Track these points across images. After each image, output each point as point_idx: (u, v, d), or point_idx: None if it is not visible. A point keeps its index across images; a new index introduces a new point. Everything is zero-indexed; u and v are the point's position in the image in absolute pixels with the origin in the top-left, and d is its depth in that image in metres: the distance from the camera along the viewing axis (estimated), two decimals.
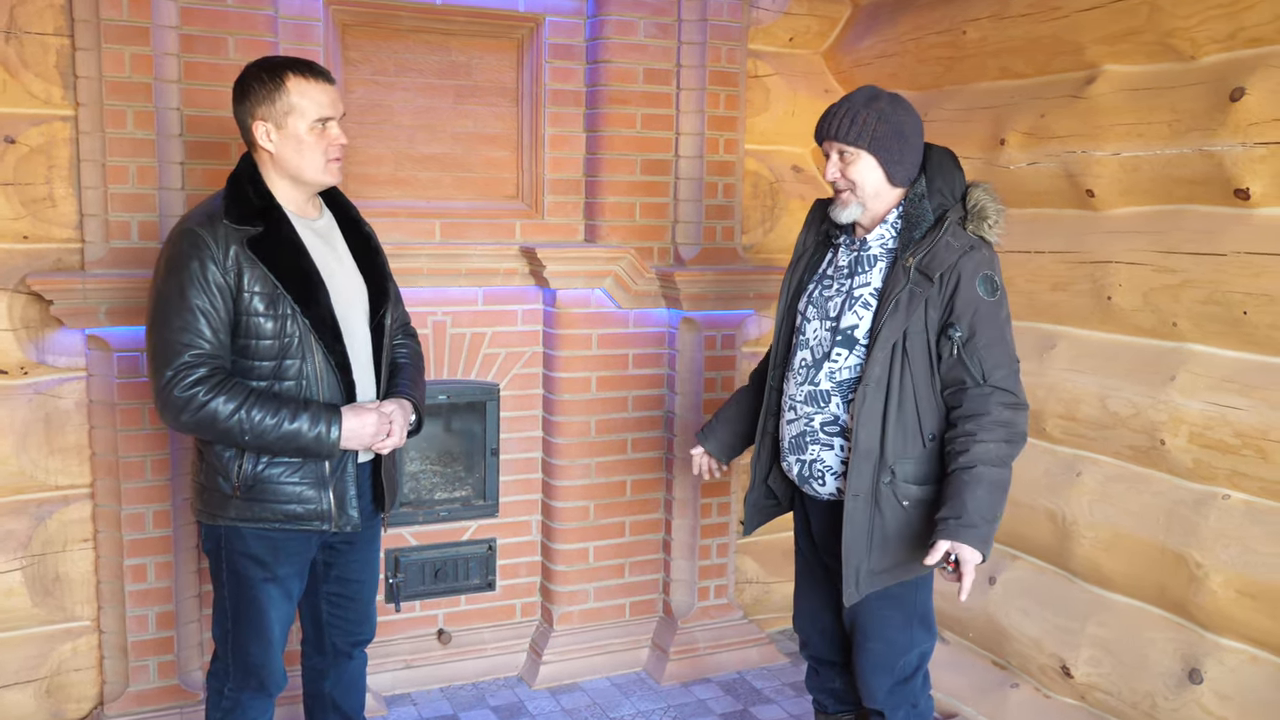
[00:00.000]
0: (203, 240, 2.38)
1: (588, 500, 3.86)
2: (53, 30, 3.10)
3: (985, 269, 2.44)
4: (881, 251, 2.54)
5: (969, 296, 2.41)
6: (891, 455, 2.45)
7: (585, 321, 3.79)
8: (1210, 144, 2.75)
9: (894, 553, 2.50)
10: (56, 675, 3.31)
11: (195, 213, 2.48)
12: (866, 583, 2.49)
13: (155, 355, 2.40)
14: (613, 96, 3.71)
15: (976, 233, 2.48)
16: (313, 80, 2.47)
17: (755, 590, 4.30)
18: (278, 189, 2.51)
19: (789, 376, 2.66)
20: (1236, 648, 2.81)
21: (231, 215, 2.42)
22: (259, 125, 2.46)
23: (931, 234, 2.45)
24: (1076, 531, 3.16)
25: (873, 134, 2.47)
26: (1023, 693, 3.40)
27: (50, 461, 3.23)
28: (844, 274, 2.59)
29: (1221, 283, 2.76)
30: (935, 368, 2.46)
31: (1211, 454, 2.81)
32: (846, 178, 2.52)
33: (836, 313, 2.56)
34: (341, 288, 2.56)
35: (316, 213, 2.61)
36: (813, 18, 4.10)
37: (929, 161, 2.56)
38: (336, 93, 2.52)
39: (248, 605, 2.56)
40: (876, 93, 2.54)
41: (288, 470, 2.48)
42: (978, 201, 2.50)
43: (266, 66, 2.48)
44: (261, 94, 2.45)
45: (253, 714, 2.66)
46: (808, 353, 2.60)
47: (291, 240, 2.48)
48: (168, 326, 2.38)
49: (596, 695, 3.77)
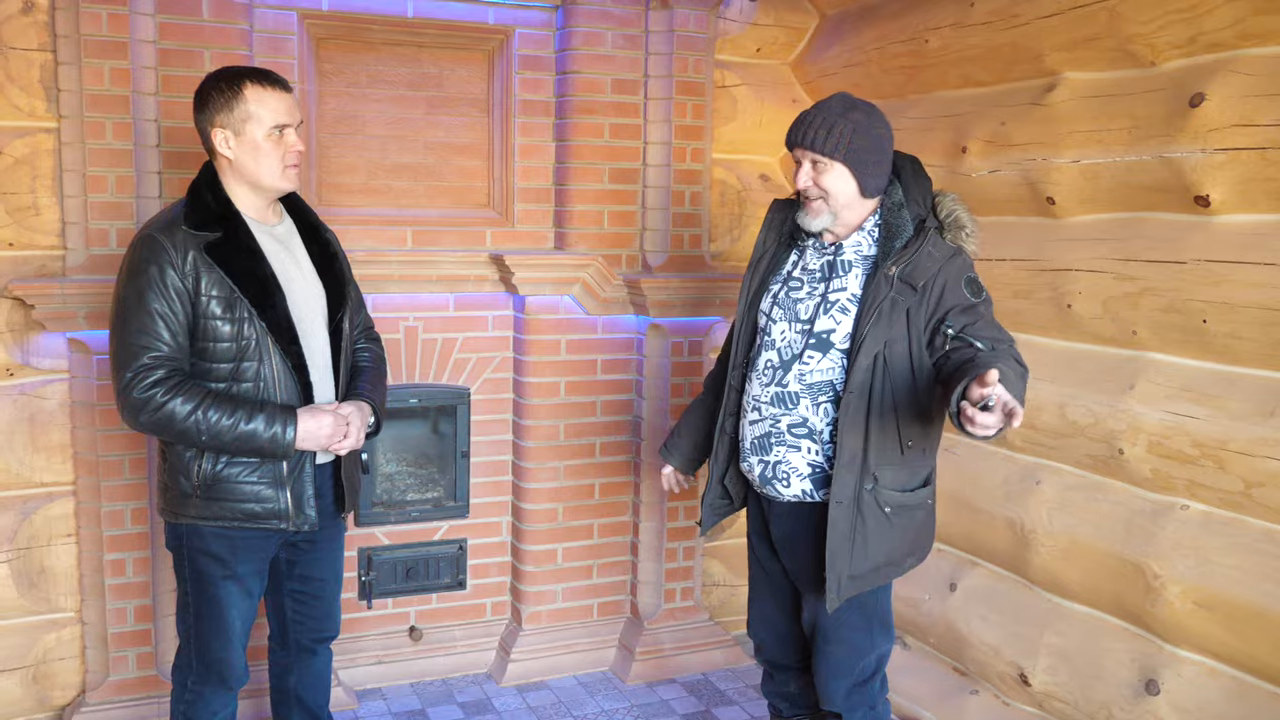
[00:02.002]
0: (161, 246, 2.31)
1: (556, 502, 3.73)
2: (36, 46, 3.04)
3: (968, 272, 2.33)
4: (857, 258, 2.40)
5: (956, 299, 2.30)
6: (874, 462, 2.32)
7: (554, 327, 3.65)
8: (1170, 150, 2.57)
9: (873, 558, 2.37)
10: (42, 664, 3.24)
11: (156, 219, 2.42)
12: (847, 587, 2.37)
13: (115, 357, 2.35)
14: (581, 106, 3.58)
15: (955, 241, 2.36)
16: (269, 88, 2.39)
17: (721, 593, 4.14)
18: (237, 195, 2.43)
19: (752, 377, 2.50)
20: (1194, 659, 2.64)
21: (190, 221, 2.35)
22: (218, 133, 2.39)
23: (912, 244, 2.33)
24: (1035, 540, 2.99)
25: (848, 145, 2.33)
26: (982, 699, 3.20)
27: (35, 459, 3.17)
28: (816, 277, 2.44)
29: (1181, 291, 2.59)
30: (916, 376, 2.30)
31: (1170, 464, 2.65)
32: (819, 186, 2.37)
33: (809, 316, 2.41)
34: (299, 292, 2.47)
35: (276, 219, 2.52)
36: (780, 28, 3.94)
37: (901, 171, 2.43)
38: (293, 101, 2.44)
39: (208, 602, 2.49)
40: (852, 102, 2.39)
41: (246, 470, 2.41)
42: (951, 211, 2.38)
43: (225, 76, 2.40)
44: (220, 102, 2.37)
45: (215, 706, 2.58)
46: (774, 354, 2.45)
47: (248, 245, 2.39)
48: (127, 330, 2.32)
49: (562, 694, 3.62)
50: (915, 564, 2.48)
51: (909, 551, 2.44)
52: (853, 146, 2.32)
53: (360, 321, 2.71)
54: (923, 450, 2.39)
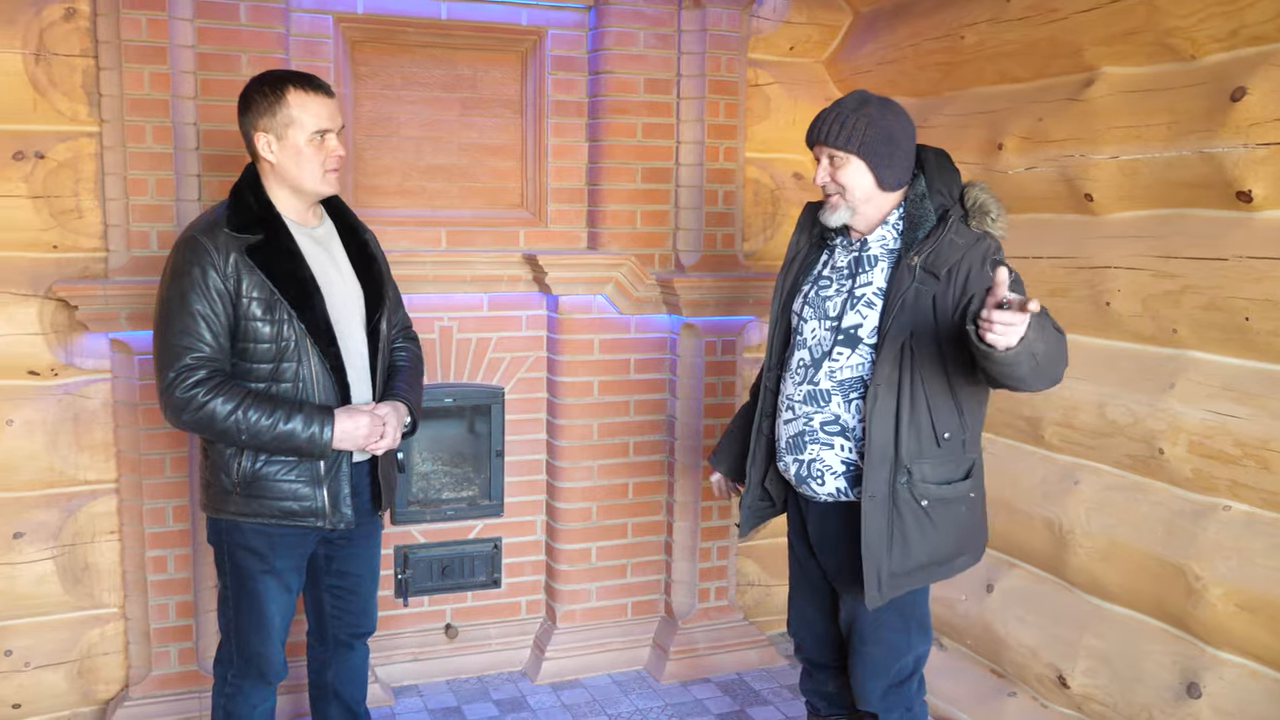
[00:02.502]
0: (204, 248, 2.37)
1: (590, 502, 3.77)
2: (78, 52, 3.12)
3: (994, 255, 2.33)
4: (882, 252, 2.42)
5: (983, 282, 2.28)
6: (907, 456, 2.31)
7: (587, 327, 3.69)
8: (1210, 145, 2.56)
9: (915, 555, 2.37)
10: (87, 658, 3.33)
11: (198, 221, 2.47)
12: (889, 585, 2.36)
13: (159, 357, 2.41)
14: (614, 106, 3.61)
15: (980, 228, 2.36)
16: (312, 93, 2.44)
17: (756, 593, 4.16)
18: (278, 198, 2.48)
19: (786, 377, 2.53)
20: (1236, 662, 2.62)
21: (232, 224, 2.41)
22: (260, 137, 2.44)
23: (935, 233, 2.34)
24: (1074, 540, 2.98)
25: (862, 139, 2.34)
26: (1020, 702, 3.20)
27: (79, 458, 3.25)
28: (843, 274, 2.47)
29: (1222, 288, 2.57)
30: (947, 365, 2.30)
31: (1211, 464, 2.63)
32: (836, 182, 2.39)
33: (837, 312, 2.44)
34: (338, 294, 2.53)
35: (316, 221, 2.57)
36: (813, 26, 3.95)
37: (925, 163, 2.44)
38: (335, 106, 2.48)
39: (247, 596, 2.55)
40: (866, 97, 2.41)
41: (284, 468, 2.46)
42: (976, 199, 2.38)
43: (268, 80, 2.45)
44: (263, 107, 2.42)
45: (254, 700, 2.64)
46: (806, 353, 2.47)
47: (288, 248, 2.45)
48: (170, 330, 2.38)
49: (597, 692, 3.66)
50: (969, 564, 2.47)
51: (957, 550, 2.42)
52: (866, 139, 2.34)
53: (398, 321, 2.76)
54: (962, 442, 2.37)
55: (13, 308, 3.11)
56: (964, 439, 2.38)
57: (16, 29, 3.03)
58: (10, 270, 3.11)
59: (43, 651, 3.24)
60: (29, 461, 3.17)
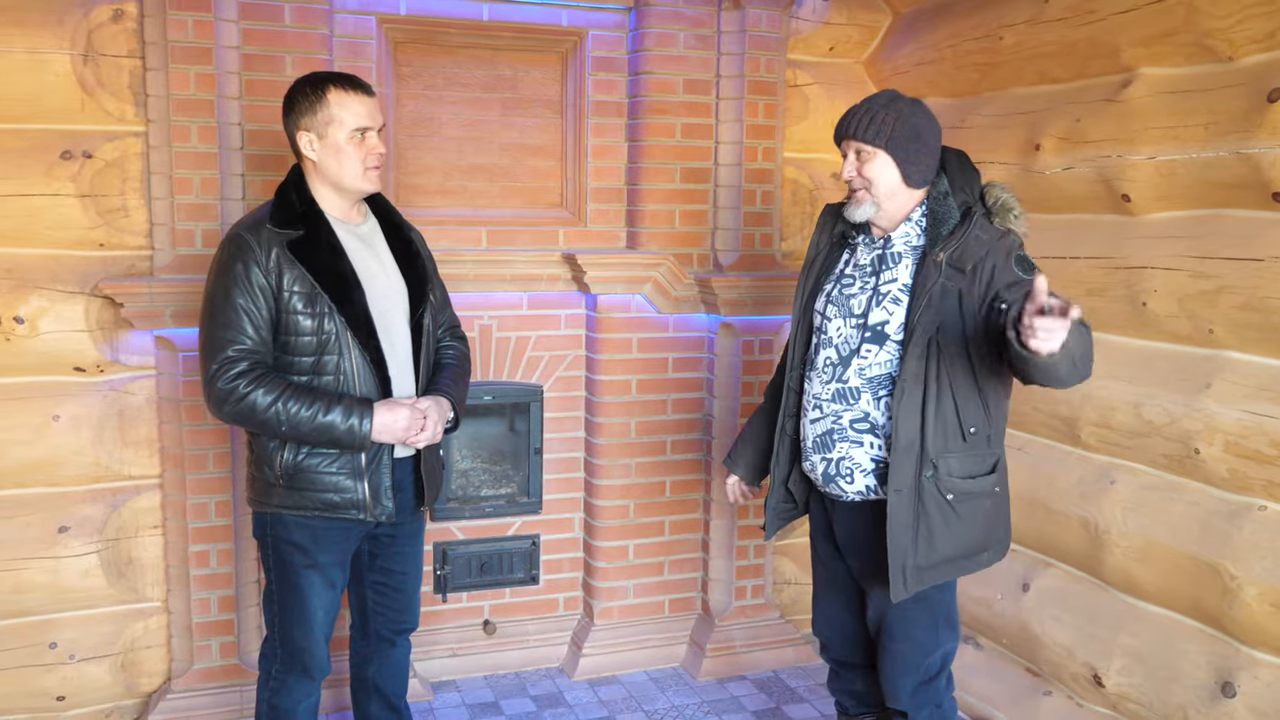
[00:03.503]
0: (247, 244, 2.47)
1: (628, 499, 3.85)
2: (125, 53, 3.21)
3: (1018, 251, 2.39)
4: (906, 248, 2.48)
5: (1006, 275, 2.35)
6: (933, 450, 2.37)
7: (626, 326, 3.77)
8: (1248, 146, 2.61)
9: (940, 549, 2.42)
10: (130, 651, 3.41)
11: (244, 219, 2.58)
12: (915, 579, 2.41)
13: (203, 350, 2.50)
14: (653, 107, 3.70)
15: (1003, 225, 2.43)
16: (352, 93, 2.53)
17: (793, 591, 4.23)
18: (321, 196, 2.58)
19: (811, 376, 2.59)
20: (1271, 661, 2.66)
21: (275, 220, 2.51)
22: (303, 135, 2.54)
23: (959, 229, 2.40)
24: (1109, 540, 3.03)
25: (890, 134, 2.42)
26: (1055, 701, 3.27)
27: (124, 453, 3.34)
28: (867, 272, 2.53)
29: (1259, 288, 2.62)
30: (973, 360, 2.37)
31: (1247, 464, 2.67)
32: (863, 176, 2.47)
33: (863, 309, 2.49)
34: (380, 288, 2.61)
35: (360, 218, 2.67)
36: (853, 27, 4.02)
37: (947, 164, 2.51)
38: (375, 105, 2.57)
39: (290, 590, 2.62)
40: (896, 95, 2.50)
41: (325, 461, 2.54)
42: (998, 198, 2.46)
43: (311, 81, 2.55)
44: (305, 106, 2.53)
45: (298, 695, 2.71)
46: (832, 351, 2.53)
47: (329, 242, 2.54)
48: (214, 324, 2.47)
49: (633, 688, 3.75)
50: (994, 559, 2.51)
51: (983, 545, 2.48)
52: (895, 134, 2.41)
53: (445, 320, 2.84)
54: (987, 437, 2.42)
55: (60, 305, 3.21)
56: (989, 434, 2.43)
57: (65, 30, 3.11)
58: (58, 268, 3.20)
59: (87, 645, 3.33)
60: (75, 457, 3.26)
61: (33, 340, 3.19)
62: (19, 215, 3.15)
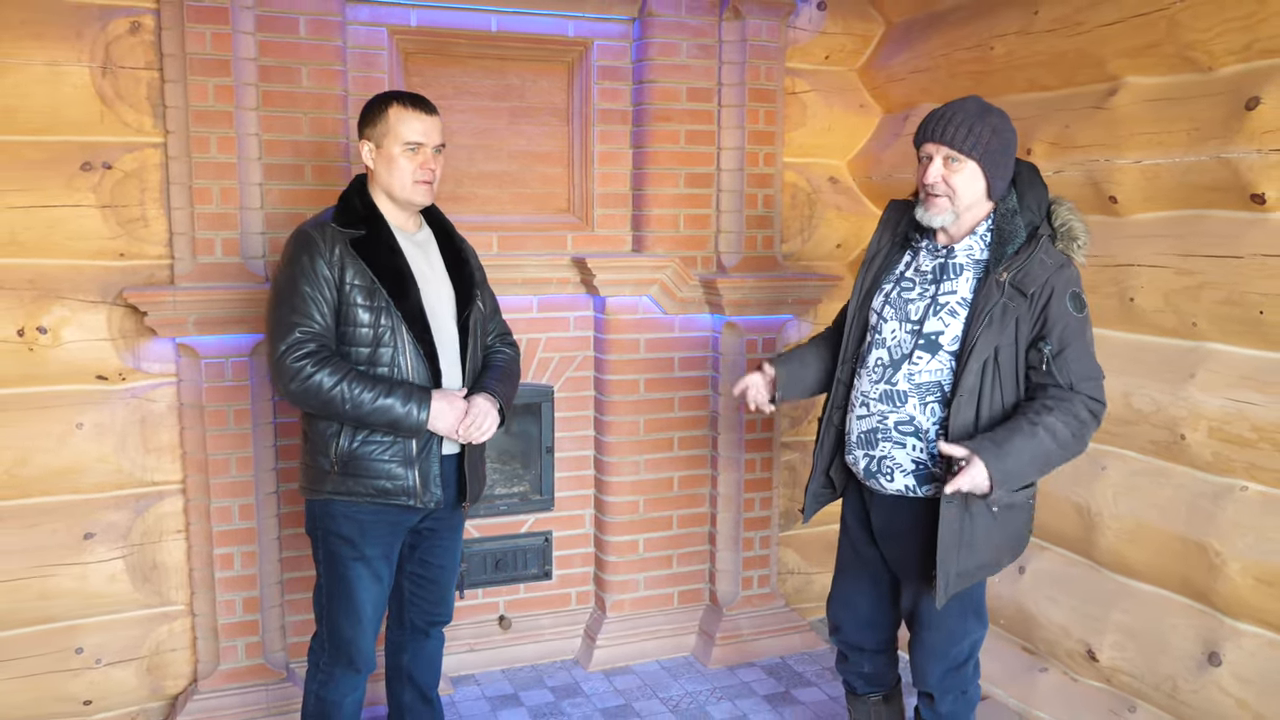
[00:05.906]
0: (313, 239, 2.68)
1: (637, 495, 3.98)
2: (144, 65, 3.28)
3: (1074, 286, 2.43)
4: (968, 261, 2.52)
5: (1059, 311, 2.40)
6: None
7: (633, 327, 3.90)
8: (1227, 151, 2.76)
9: (978, 556, 2.50)
10: (156, 654, 3.49)
11: (310, 219, 2.79)
12: (955, 585, 2.49)
13: (271, 333, 2.67)
14: (657, 114, 3.83)
15: (1066, 251, 2.46)
16: (411, 109, 2.74)
17: (797, 580, 4.38)
18: (380, 203, 2.79)
19: (861, 373, 2.64)
20: (1254, 632, 2.83)
21: (339, 220, 2.72)
22: (365, 144, 2.77)
23: (1024, 250, 2.43)
24: (1101, 523, 3.20)
25: (986, 146, 2.43)
26: (1051, 676, 3.45)
27: (147, 460, 3.42)
28: (927, 279, 2.57)
29: (1239, 284, 2.78)
30: (1020, 380, 2.46)
31: (1230, 448, 2.84)
32: (948, 183, 2.46)
33: (919, 316, 2.54)
34: (432, 289, 2.80)
35: (416, 228, 2.87)
36: (848, 36, 4.16)
37: (1019, 177, 2.54)
38: (435, 124, 2.76)
39: (338, 582, 2.78)
40: (987, 105, 2.50)
41: (379, 448, 2.70)
42: (1065, 222, 2.48)
43: (380, 96, 2.79)
44: (370, 118, 2.76)
45: (344, 688, 2.85)
46: (885, 352, 2.58)
47: (389, 243, 2.75)
48: (282, 309, 2.66)
49: (647, 677, 3.90)
50: (1009, 563, 2.60)
51: (1010, 550, 2.57)
52: (991, 146, 2.43)
53: (495, 327, 3.01)
54: None
55: (82, 314, 3.27)
56: None
57: (84, 43, 3.18)
58: (79, 278, 3.27)
59: (113, 649, 3.41)
60: (98, 464, 3.33)
61: (56, 350, 3.25)
62: (40, 226, 3.22)
